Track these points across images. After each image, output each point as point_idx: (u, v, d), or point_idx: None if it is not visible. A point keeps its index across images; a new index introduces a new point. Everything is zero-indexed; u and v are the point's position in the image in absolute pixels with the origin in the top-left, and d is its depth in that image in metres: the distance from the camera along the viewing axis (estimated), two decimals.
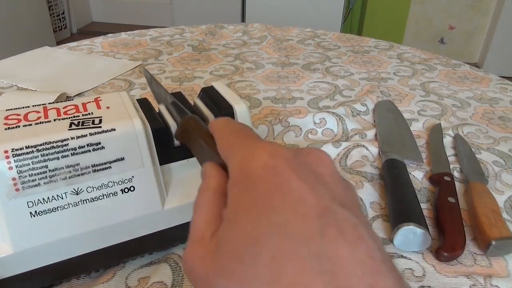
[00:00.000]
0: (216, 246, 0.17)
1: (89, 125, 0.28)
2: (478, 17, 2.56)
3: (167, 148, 0.32)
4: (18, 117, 0.29)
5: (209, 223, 0.18)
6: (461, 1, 2.52)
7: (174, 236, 0.33)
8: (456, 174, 0.46)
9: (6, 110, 0.30)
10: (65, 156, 0.27)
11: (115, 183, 0.28)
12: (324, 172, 0.18)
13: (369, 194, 0.43)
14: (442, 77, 0.75)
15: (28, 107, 0.30)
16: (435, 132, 0.54)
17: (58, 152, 0.26)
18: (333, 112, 0.57)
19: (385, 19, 2.57)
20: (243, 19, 2.53)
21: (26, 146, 0.26)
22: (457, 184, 0.45)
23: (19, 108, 0.30)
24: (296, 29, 1.05)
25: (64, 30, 2.96)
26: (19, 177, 0.26)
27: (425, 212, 0.40)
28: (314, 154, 0.19)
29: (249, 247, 0.15)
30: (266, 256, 0.15)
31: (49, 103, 0.31)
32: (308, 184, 0.16)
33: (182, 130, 0.28)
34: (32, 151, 0.26)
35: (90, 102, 0.31)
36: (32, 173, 0.26)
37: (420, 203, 0.39)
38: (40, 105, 0.30)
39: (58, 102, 0.31)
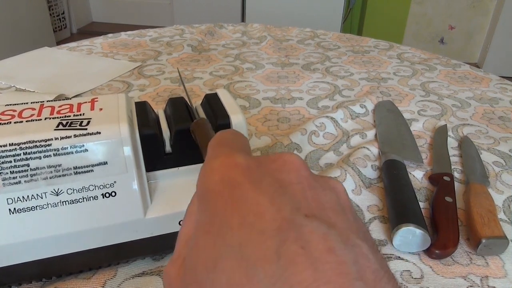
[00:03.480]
0: (183, 269, 0.16)
1: (76, 126, 0.28)
2: (478, 17, 2.55)
3: (156, 154, 0.31)
4: (14, 113, 0.29)
5: (188, 241, 0.17)
6: (461, 1, 2.52)
7: (156, 245, 0.32)
8: (458, 175, 0.46)
9: (6, 105, 0.30)
10: (47, 156, 0.27)
11: (96, 187, 0.28)
12: (291, 178, 0.16)
13: (367, 195, 0.43)
14: (442, 77, 0.75)
15: (27, 103, 0.30)
16: (440, 133, 0.54)
17: (40, 152, 0.26)
18: (331, 117, 0.57)
19: (385, 19, 2.57)
20: (243, 19, 2.53)
21: (9, 144, 0.26)
22: (458, 185, 0.45)
23: (17, 104, 0.30)
24: (296, 29, 1.05)
25: (64, 30, 2.96)
26: (0, 173, 0.26)
27: (424, 212, 0.40)
28: (281, 159, 0.17)
29: (207, 273, 0.14)
30: (222, 283, 0.13)
31: (47, 101, 0.31)
32: (268, 195, 0.15)
33: (192, 128, 0.28)
34: (15, 149, 0.26)
35: (86, 102, 0.31)
36: (13, 171, 0.26)
37: (419, 203, 0.39)
38: (38, 102, 0.30)
39: None
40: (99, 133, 0.28)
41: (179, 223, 0.31)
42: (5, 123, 0.27)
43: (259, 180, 0.15)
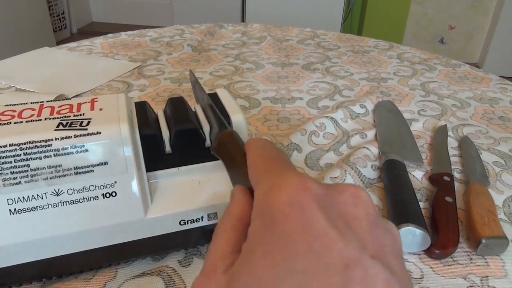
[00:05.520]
0: (227, 284, 0.15)
1: (76, 126, 0.28)
2: (478, 17, 2.55)
3: (157, 154, 0.31)
4: (13, 113, 0.29)
5: (225, 256, 0.17)
6: (461, 1, 2.52)
7: (157, 245, 0.32)
8: (458, 175, 0.46)
9: (5, 105, 0.30)
10: (47, 157, 0.26)
11: (97, 187, 0.28)
12: (359, 214, 0.16)
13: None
14: (442, 77, 0.75)
15: (27, 103, 0.30)
16: (440, 133, 0.54)
17: (41, 152, 0.26)
18: (331, 117, 0.57)
19: (385, 19, 2.57)
20: (243, 19, 2.53)
21: (9, 144, 0.26)
22: (458, 185, 0.45)
23: (17, 104, 0.30)
24: (296, 29, 1.05)
25: (64, 30, 2.96)
26: (0, 174, 0.26)
27: (424, 212, 0.40)
28: (348, 192, 0.17)
29: None
30: None
31: (47, 101, 0.31)
32: (337, 229, 0.14)
33: (218, 144, 0.27)
34: (15, 149, 0.26)
35: (85, 102, 0.31)
36: (13, 171, 0.26)
37: (420, 203, 0.39)
38: (38, 102, 0.30)
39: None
40: (100, 133, 0.27)
41: (180, 222, 0.31)
42: (5, 124, 0.27)
43: (328, 210, 0.15)
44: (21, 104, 0.30)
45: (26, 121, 0.28)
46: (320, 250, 0.14)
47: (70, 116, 0.29)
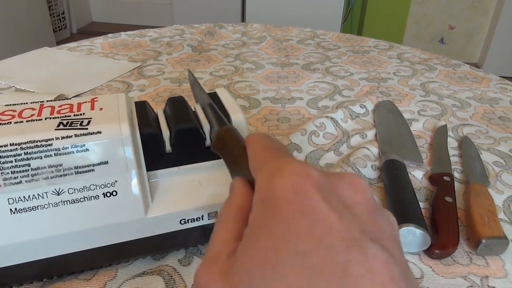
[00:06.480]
0: (230, 267, 0.16)
1: (77, 126, 0.28)
2: (478, 17, 2.55)
3: (157, 154, 0.31)
4: (14, 113, 0.29)
5: (228, 242, 0.17)
6: (461, 1, 2.52)
7: (157, 244, 0.32)
8: (458, 175, 0.46)
9: (6, 105, 0.30)
10: (48, 156, 0.26)
11: (97, 187, 0.28)
12: (357, 200, 0.16)
13: None
14: (442, 77, 0.75)
15: (27, 103, 0.30)
16: (440, 133, 0.54)
17: (41, 152, 0.26)
18: (331, 117, 0.57)
19: (385, 19, 2.57)
20: (243, 19, 2.53)
21: (10, 144, 0.26)
22: (458, 185, 0.45)
23: (17, 104, 0.30)
24: (296, 29, 1.05)
25: (64, 30, 2.96)
26: (1, 173, 0.26)
27: (424, 212, 0.40)
28: (347, 179, 0.17)
29: (264, 274, 0.14)
30: (280, 287, 0.13)
31: (47, 101, 0.31)
32: (338, 212, 0.15)
33: (218, 139, 0.27)
34: (16, 149, 0.26)
35: (86, 102, 0.31)
36: (14, 171, 0.26)
37: (420, 203, 0.39)
38: (38, 102, 0.30)
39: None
40: (100, 132, 0.27)
41: (180, 222, 0.31)
42: (5, 123, 0.27)
43: (328, 195, 0.16)
44: (21, 104, 0.30)
45: (27, 121, 0.28)
46: (321, 232, 0.14)
47: (70, 116, 0.29)
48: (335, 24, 2.20)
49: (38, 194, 0.27)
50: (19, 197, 0.27)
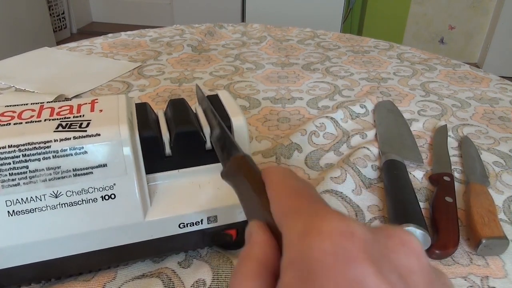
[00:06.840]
0: None
1: (76, 128, 0.27)
2: (478, 17, 2.55)
3: (157, 157, 0.31)
4: (13, 114, 0.29)
5: None
6: (461, 1, 2.52)
7: (156, 248, 0.32)
8: (458, 175, 0.46)
9: (6, 106, 0.30)
10: (46, 158, 0.26)
11: (96, 189, 0.28)
12: (412, 267, 0.14)
13: (367, 196, 0.43)
14: (442, 77, 0.75)
15: (27, 104, 0.30)
16: (440, 133, 0.54)
17: (39, 154, 0.26)
18: (331, 117, 0.57)
19: (385, 19, 2.56)
20: (243, 19, 2.53)
21: (8, 145, 0.26)
22: (458, 185, 0.44)
23: (17, 105, 0.30)
24: (296, 29, 1.05)
25: (64, 30, 2.96)
26: None
27: (424, 212, 0.40)
28: (398, 237, 0.14)
29: None
30: None
31: (47, 102, 0.31)
32: (390, 285, 0.12)
33: (230, 169, 0.24)
34: (14, 151, 0.26)
35: (86, 103, 0.30)
36: (12, 173, 0.26)
37: (420, 203, 0.39)
38: (38, 103, 0.30)
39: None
40: (99, 135, 0.27)
41: (179, 226, 0.31)
42: (4, 124, 0.27)
43: (379, 261, 0.13)
44: (22, 105, 0.30)
45: (26, 122, 0.28)
46: None
47: (70, 117, 0.28)
48: (335, 24, 2.19)
49: (36, 197, 0.27)
50: (17, 199, 0.26)
